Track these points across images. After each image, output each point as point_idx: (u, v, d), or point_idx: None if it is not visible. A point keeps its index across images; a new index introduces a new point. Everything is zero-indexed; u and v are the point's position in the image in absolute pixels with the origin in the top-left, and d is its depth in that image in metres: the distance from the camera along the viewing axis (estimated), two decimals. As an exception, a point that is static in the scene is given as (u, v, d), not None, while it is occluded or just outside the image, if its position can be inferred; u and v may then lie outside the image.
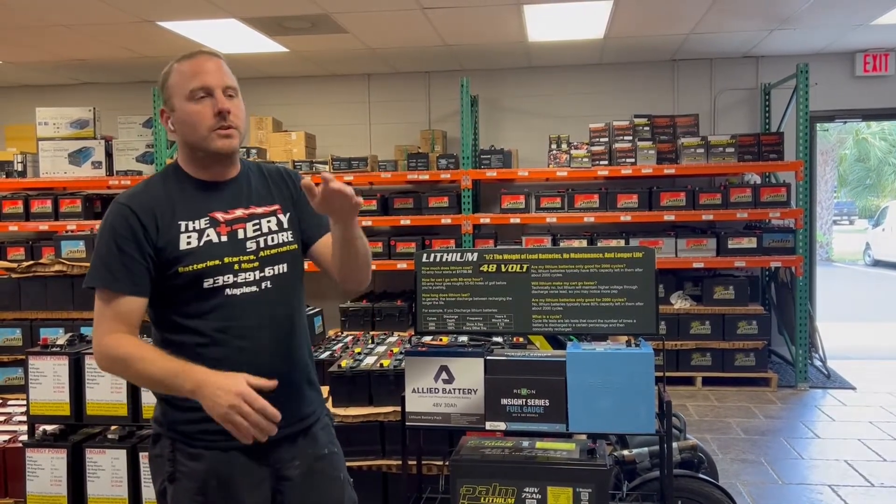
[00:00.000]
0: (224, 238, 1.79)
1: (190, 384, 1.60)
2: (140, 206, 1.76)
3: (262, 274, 1.82)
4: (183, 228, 1.77)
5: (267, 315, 1.82)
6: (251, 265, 1.81)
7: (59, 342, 3.04)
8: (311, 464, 1.87)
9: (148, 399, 2.86)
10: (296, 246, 1.91)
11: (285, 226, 1.90)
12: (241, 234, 1.82)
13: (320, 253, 1.94)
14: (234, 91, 1.81)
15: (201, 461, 1.76)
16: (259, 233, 1.84)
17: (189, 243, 1.76)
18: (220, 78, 1.78)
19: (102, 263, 1.74)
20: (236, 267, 1.79)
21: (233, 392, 1.55)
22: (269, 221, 1.87)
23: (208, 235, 1.78)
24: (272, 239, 1.86)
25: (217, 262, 1.76)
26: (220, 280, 1.76)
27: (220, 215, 1.81)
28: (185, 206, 1.79)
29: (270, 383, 1.62)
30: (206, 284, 1.75)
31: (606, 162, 6.39)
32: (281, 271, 1.86)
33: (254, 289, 1.80)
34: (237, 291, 1.78)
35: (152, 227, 1.75)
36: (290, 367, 1.86)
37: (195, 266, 1.75)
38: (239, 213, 1.84)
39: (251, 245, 1.82)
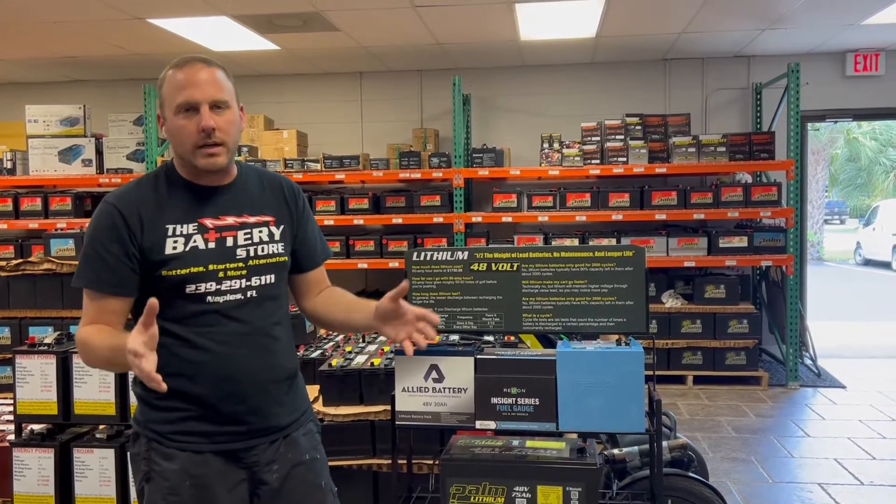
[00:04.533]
0: (211, 245, 1.78)
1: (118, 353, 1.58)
2: (126, 206, 1.74)
3: (248, 283, 1.80)
4: (170, 232, 1.75)
5: (249, 323, 1.80)
6: (238, 273, 1.79)
7: (47, 341, 3.02)
8: (289, 469, 1.85)
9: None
10: (286, 258, 1.90)
11: (276, 237, 1.88)
12: (230, 242, 1.80)
13: (301, 285, 2.01)
14: (224, 103, 1.76)
15: (174, 461, 1.75)
16: (250, 242, 1.83)
17: (175, 248, 1.74)
18: (209, 91, 1.74)
19: (88, 263, 1.75)
20: (221, 275, 1.77)
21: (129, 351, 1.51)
22: (260, 231, 1.85)
23: (195, 241, 1.76)
24: (262, 249, 1.84)
25: (201, 268, 1.75)
26: (203, 287, 1.75)
27: (209, 221, 1.79)
28: (174, 210, 1.78)
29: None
30: (188, 290, 1.74)
31: (598, 161, 6.40)
32: (268, 281, 1.85)
33: (238, 297, 1.79)
34: (220, 299, 1.77)
35: (137, 227, 1.73)
36: (269, 374, 1.83)
37: (178, 271, 1.73)
38: (230, 220, 1.82)
39: (241, 253, 1.80)
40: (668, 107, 7.11)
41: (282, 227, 1.90)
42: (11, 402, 3.07)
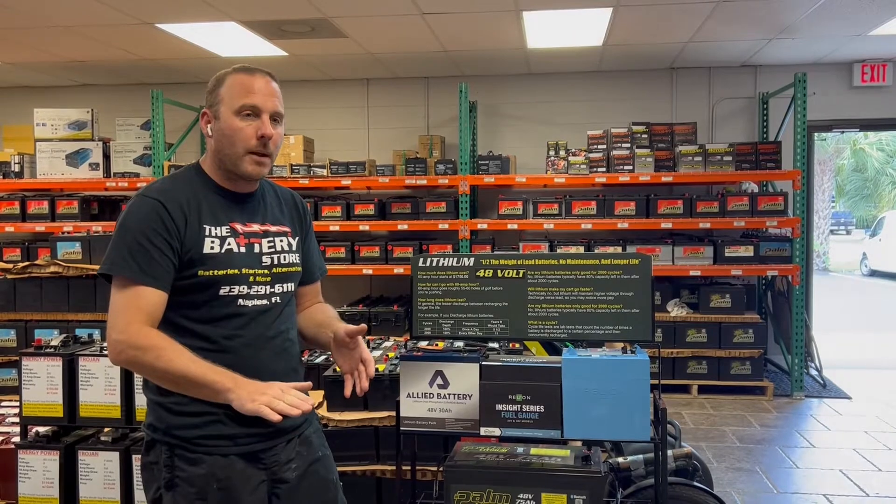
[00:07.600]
0: (242, 249, 1.82)
1: (229, 382, 1.66)
2: (170, 202, 1.76)
3: (272, 289, 1.86)
4: (207, 232, 1.78)
5: (272, 328, 1.86)
6: (264, 279, 1.85)
7: (53, 343, 3.04)
8: (306, 466, 1.91)
9: (141, 401, 2.85)
10: (300, 269, 1.97)
11: (294, 248, 1.95)
12: (257, 249, 1.85)
13: (299, 296, 2.05)
14: (280, 118, 1.84)
15: (201, 466, 1.76)
16: (273, 250, 1.89)
17: (212, 248, 1.77)
18: (272, 102, 1.81)
19: (130, 254, 1.71)
20: (251, 279, 1.82)
21: (272, 390, 1.67)
22: (281, 241, 1.92)
23: (229, 244, 1.80)
24: (284, 258, 1.91)
25: (236, 271, 1.79)
26: (236, 289, 1.79)
27: (239, 226, 1.84)
28: (209, 211, 1.81)
29: (306, 385, 1.76)
30: (222, 291, 1.78)
31: (604, 169, 6.40)
32: (288, 289, 1.92)
33: (264, 302, 1.84)
34: (249, 303, 1.81)
35: (182, 223, 1.75)
36: (289, 376, 1.88)
37: (215, 272, 1.76)
38: (255, 227, 1.87)
39: (266, 260, 1.86)
40: (674, 115, 7.12)
41: (297, 238, 1.98)
42: (17, 404, 3.08)
